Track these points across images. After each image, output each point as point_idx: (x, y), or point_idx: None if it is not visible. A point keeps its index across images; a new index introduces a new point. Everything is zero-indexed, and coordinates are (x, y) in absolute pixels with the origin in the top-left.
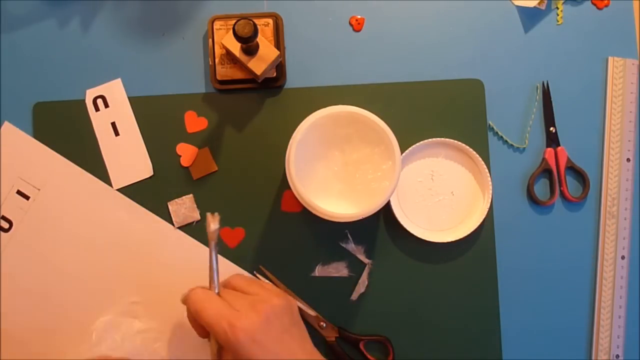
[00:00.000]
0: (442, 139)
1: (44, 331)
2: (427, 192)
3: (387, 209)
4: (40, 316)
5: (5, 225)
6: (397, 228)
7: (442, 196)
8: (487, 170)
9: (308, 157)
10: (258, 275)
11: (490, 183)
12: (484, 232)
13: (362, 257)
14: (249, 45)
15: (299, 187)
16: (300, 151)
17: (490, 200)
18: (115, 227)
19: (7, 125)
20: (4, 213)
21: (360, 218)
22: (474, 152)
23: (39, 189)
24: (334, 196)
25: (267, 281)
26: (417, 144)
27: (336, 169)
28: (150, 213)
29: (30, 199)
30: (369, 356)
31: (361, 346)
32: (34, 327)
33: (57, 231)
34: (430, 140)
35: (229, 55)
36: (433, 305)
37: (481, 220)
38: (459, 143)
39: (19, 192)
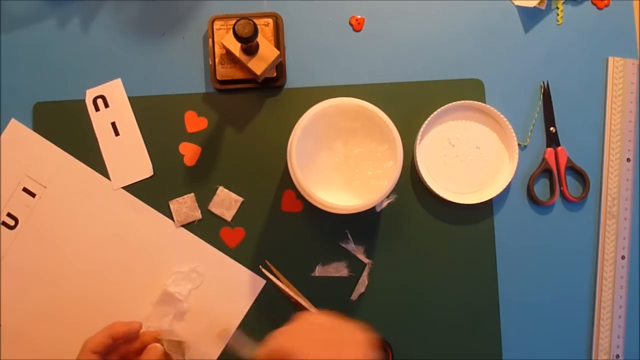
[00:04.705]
0: (463, 101)
1: (48, 326)
2: (451, 151)
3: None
4: (44, 312)
5: (11, 222)
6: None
7: (469, 156)
8: (511, 128)
9: (310, 146)
10: (264, 270)
11: (515, 139)
12: (484, 231)
13: (362, 257)
14: (249, 45)
15: (298, 173)
16: (304, 139)
17: (517, 158)
18: (121, 225)
19: (14, 122)
20: (10, 210)
21: (350, 212)
22: (497, 112)
23: (45, 187)
24: (334, 188)
25: None
26: (438, 110)
27: (337, 161)
28: (155, 211)
29: (36, 197)
30: None
31: None
32: (38, 323)
33: (62, 229)
34: (450, 105)
35: (229, 55)
36: (433, 305)
37: (510, 179)
38: (480, 104)
39: (25, 190)
